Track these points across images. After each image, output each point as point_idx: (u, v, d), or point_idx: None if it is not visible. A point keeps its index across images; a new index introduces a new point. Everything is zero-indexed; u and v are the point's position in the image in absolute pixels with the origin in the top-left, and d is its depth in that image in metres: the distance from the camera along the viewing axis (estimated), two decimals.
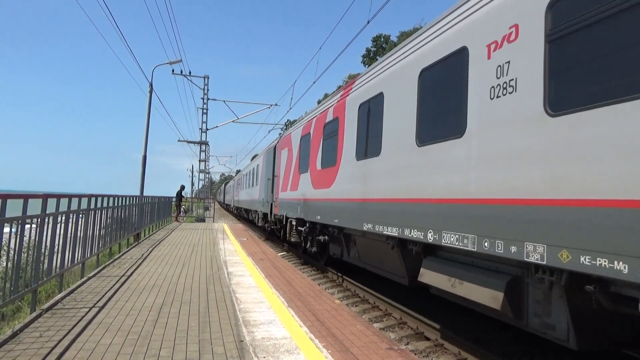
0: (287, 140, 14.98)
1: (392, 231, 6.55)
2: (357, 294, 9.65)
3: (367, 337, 5.08)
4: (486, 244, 4.58)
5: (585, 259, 3.49)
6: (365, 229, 7.50)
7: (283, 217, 14.62)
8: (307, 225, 11.94)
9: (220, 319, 5.51)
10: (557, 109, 3.92)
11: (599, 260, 3.38)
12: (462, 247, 4.97)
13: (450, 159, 5.33)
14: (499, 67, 4.61)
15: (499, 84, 4.60)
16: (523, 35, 4.35)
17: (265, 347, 4.53)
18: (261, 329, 5.15)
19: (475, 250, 4.73)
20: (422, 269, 6.11)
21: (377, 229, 7.02)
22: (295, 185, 12.89)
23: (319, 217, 10.37)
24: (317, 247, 11.63)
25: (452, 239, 5.15)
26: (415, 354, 5.79)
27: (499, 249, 4.39)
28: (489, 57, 4.79)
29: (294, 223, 13.06)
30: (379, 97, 7.45)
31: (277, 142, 17.33)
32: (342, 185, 8.91)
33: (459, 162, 5.15)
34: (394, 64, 7.11)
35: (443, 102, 5.66)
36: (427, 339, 6.70)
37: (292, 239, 13.45)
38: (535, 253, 3.97)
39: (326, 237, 10.85)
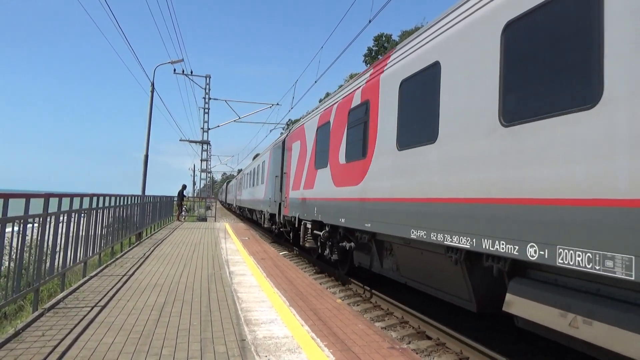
0: (300, 132, 13.10)
1: (460, 241, 4.97)
2: (358, 294, 9.64)
3: (369, 337, 5.08)
4: None
5: None
6: (413, 236, 5.92)
7: (295, 219, 12.87)
8: (327, 228, 10.26)
9: (222, 318, 5.52)
10: None
11: None
12: (600, 272, 3.34)
13: (569, 142, 3.72)
14: None
15: None
16: None
17: (267, 346, 4.54)
18: (263, 328, 5.16)
19: (632, 278, 3.11)
20: (509, 295, 4.47)
21: (435, 238, 5.42)
22: (311, 182, 11.23)
23: (343, 220, 8.75)
24: (338, 255, 10.12)
25: (578, 259, 3.53)
26: (417, 353, 5.78)
27: None
28: None
29: (309, 226, 11.37)
30: (433, 68, 5.89)
31: (287, 135, 15.47)
32: (376, 181, 7.29)
33: (591, 146, 3.54)
34: (457, 22, 5.50)
35: (551, 61, 4.04)
36: (429, 338, 6.70)
37: (307, 245, 11.73)
38: None
39: (352, 244, 9.00)
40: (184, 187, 28.38)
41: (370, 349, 4.65)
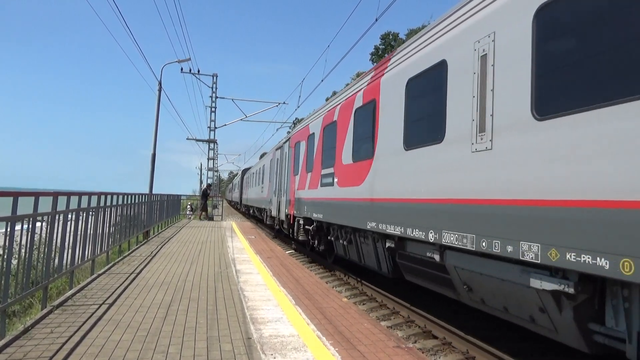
0: None
1: None
2: (364, 292, 9.64)
3: (375, 335, 5.08)
4: None
5: None
6: None
7: None
8: None
9: (228, 316, 5.54)
10: None
11: None
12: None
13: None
14: None
15: None
16: None
17: (272, 345, 4.55)
18: (269, 327, 5.18)
19: None
20: None
21: None
22: None
23: None
24: None
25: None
26: (422, 352, 5.78)
27: None
28: None
29: None
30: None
31: None
32: None
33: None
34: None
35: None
36: (435, 337, 6.68)
37: None
38: None
39: None
40: (209, 186, 28.19)
41: (376, 347, 4.65)
